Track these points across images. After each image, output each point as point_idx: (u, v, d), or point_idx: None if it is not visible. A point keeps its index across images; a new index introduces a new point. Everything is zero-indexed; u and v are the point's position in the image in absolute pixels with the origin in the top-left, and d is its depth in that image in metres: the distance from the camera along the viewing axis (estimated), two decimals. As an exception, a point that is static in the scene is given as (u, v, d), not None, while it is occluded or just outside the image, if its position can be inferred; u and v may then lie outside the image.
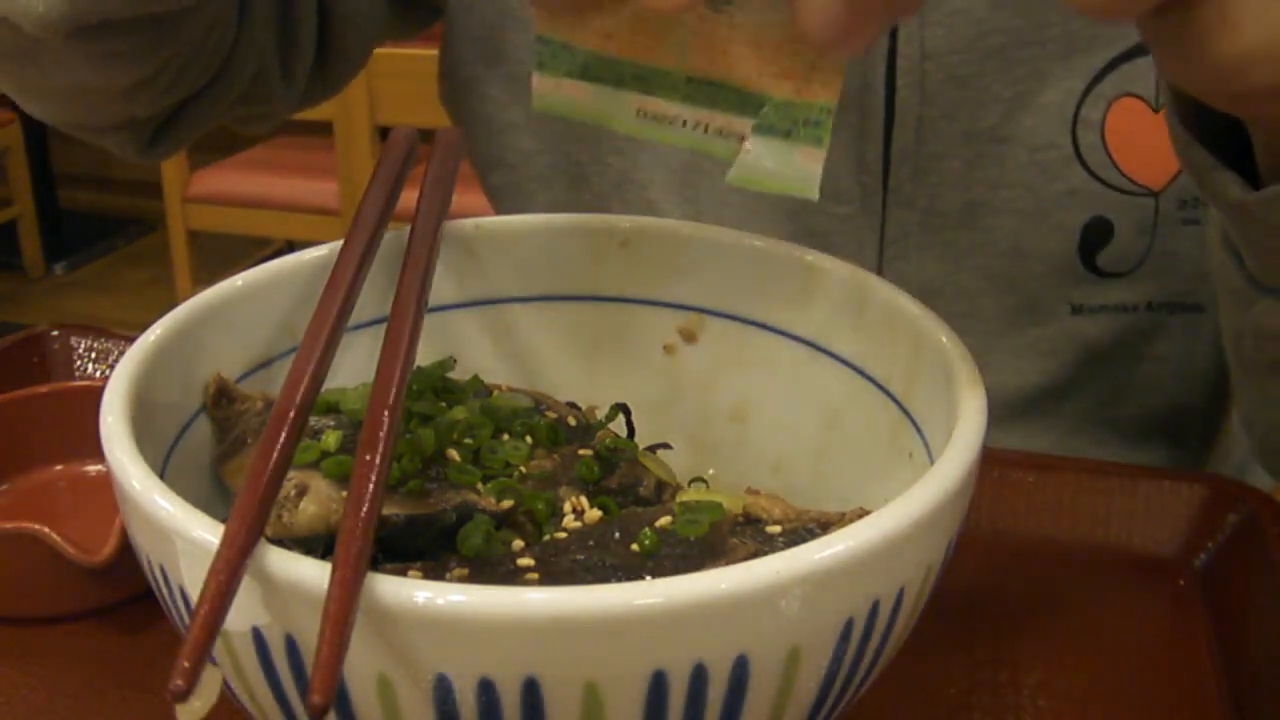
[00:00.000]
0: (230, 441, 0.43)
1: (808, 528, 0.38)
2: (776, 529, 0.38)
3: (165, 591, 0.34)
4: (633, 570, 0.36)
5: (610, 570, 0.36)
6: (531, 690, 0.30)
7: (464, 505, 0.39)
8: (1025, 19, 0.62)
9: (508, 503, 0.40)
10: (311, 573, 0.30)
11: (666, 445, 0.48)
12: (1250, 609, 0.52)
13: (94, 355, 0.69)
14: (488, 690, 0.30)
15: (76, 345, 0.69)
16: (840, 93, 0.35)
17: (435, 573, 0.36)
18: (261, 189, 2.50)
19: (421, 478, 0.39)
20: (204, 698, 0.34)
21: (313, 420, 0.41)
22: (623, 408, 0.49)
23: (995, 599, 0.53)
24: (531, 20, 0.41)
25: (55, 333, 0.69)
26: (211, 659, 0.31)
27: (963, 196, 0.66)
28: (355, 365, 0.47)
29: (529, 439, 0.43)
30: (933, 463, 0.35)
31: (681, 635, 0.30)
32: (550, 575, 0.36)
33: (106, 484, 0.35)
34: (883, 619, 0.34)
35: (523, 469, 0.42)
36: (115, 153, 0.68)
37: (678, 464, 0.47)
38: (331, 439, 0.40)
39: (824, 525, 0.38)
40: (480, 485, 0.40)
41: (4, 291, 3.30)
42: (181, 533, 0.32)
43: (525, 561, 0.36)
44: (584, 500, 0.41)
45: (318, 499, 0.37)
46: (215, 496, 0.43)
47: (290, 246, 2.07)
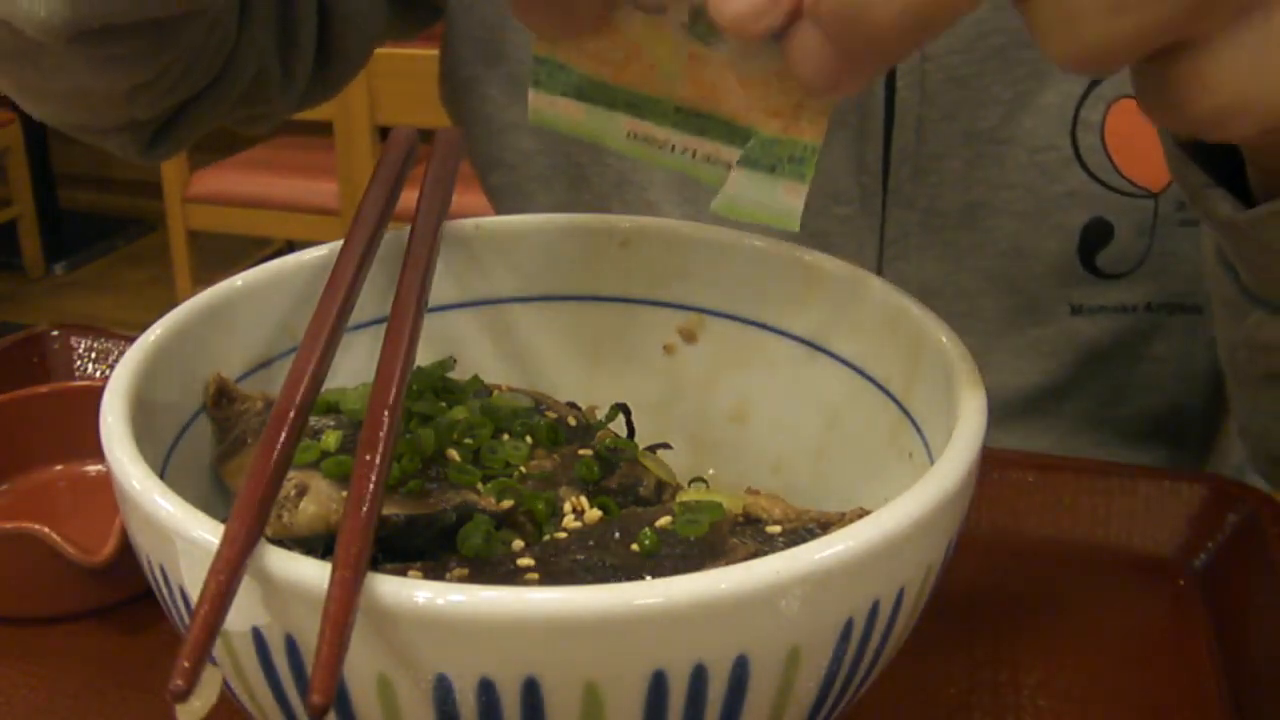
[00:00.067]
0: (230, 441, 0.43)
1: (808, 528, 0.38)
2: (776, 529, 0.38)
3: (165, 591, 0.34)
4: (633, 570, 0.36)
5: (610, 570, 0.36)
6: (531, 690, 0.30)
7: (464, 505, 0.39)
8: None
9: (508, 503, 0.40)
10: (311, 573, 0.30)
11: (666, 445, 0.48)
12: (1250, 609, 0.52)
13: (94, 355, 0.69)
14: (488, 690, 0.30)
15: (76, 345, 0.69)
16: (825, 132, 0.36)
17: (435, 573, 0.36)
18: (261, 189, 2.50)
19: (421, 478, 0.39)
20: (204, 698, 0.34)
21: (313, 420, 0.41)
22: (623, 408, 0.49)
23: (995, 599, 0.53)
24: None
25: (55, 333, 0.69)
26: (211, 659, 0.31)
27: (963, 197, 0.66)
28: (355, 365, 0.47)
29: (529, 439, 0.43)
30: (933, 463, 0.35)
31: (681, 635, 0.30)
32: (550, 575, 0.36)
33: (106, 484, 0.35)
34: (883, 619, 0.33)
35: (523, 469, 0.42)
36: (116, 154, 0.68)
37: (678, 464, 0.47)
38: (331, 439, 0.40)
39: (824, 525, 0.38)
40: (480, 485, 0.40)
41: (4, 291, 3.30)
42: (181, 533, 0.32)
43: (525, 561, 0.36)
44: (584, 500, 0.41)
45: (318, 499, 0.37)
46: (215, 496, 0.43)
47: (290, 246, 2.07)
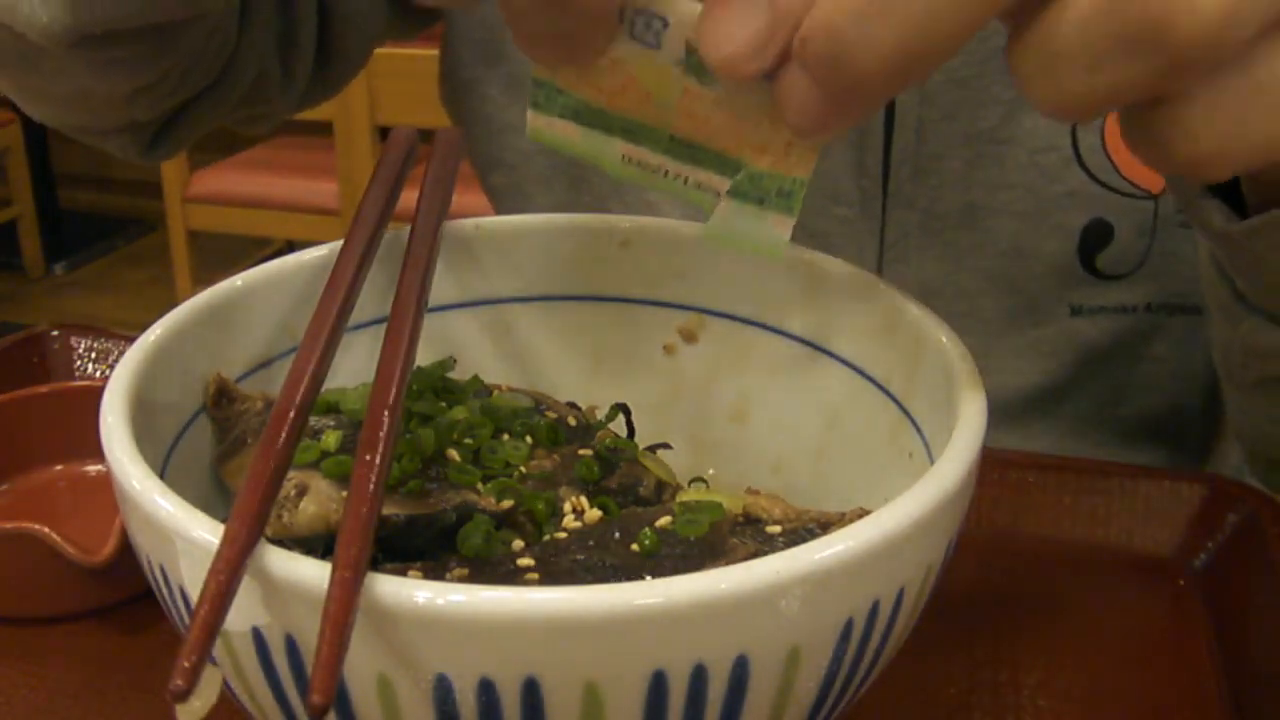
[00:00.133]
0: (230, 441, 0.43)
1: (808, 528, 0.38)
2: (776, 529, 0.38)
3: (165, 591, 0.34)
4: (633, 570, 0.36)
5: (610, 570, 0.36)
6: (531, 690, 0.30)
7: (464, 505, 0.39)
8: None
9: (508, 503, 0.40)
10: (311, 573, 0.30)
11: (666, 445, 0.48)
12: (1250, 609, 0.52)
13: (94, 355, 0.69)
14: (488, 690, 0.30)
15: (76, 345, 0.69)
16: (814, 167, 0.37)
17: (435, 573, 0.36)
18: (261, 189, 2.50)
19: (421, 478, 0.39)
20: (204, 698, 0.34)
21: (313, 420, 0.41)
22: (623, 408, 0.49)
23: (995, 599, 0.53)
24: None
25: (55, 333, 0.69)
26: (211, 659, 0.31)
27: (962, 198, 0.66)
28: (355, 365, 0.47)
29: (529, 439, 0.43)
30: (933, 463, 0.35)
31: (681, 635, 0.30)
32: (550, 575, 0.36)
33: (106, 484, 0.35)
34: (883, 619, 0.33)
35: (523, 469, 0.42)
36: (116, 154, 0.68)
37: (678, 464, 0.47)
38: (331, 439, 0.40)
39: (824, 525, 0.38)
40: (480, 485, 0.40)
41: (4, 291, 3.30)
42: (181, 533, 0.32)
43: (525, 561, 0.36)
44: (584, 500, 0.41)
45: (318, 499, 0.37)
46: (215, 496, 0.43)
47: (290, 246, 2.07)
